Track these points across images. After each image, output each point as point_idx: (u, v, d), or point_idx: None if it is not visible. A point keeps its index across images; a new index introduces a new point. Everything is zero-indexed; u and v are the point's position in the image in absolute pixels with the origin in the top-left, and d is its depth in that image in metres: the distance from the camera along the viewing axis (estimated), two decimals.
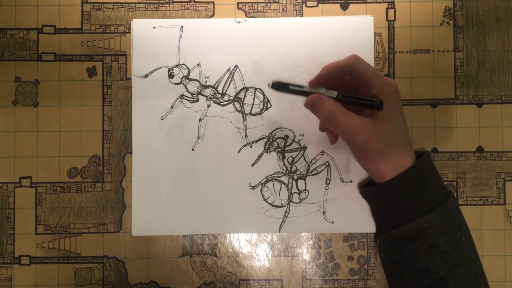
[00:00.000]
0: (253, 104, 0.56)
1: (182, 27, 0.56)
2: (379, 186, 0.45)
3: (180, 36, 0.56)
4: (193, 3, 0.57)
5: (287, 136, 0.56)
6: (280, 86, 0.45)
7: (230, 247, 0.56)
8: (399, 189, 0.44)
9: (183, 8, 0.57)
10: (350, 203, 0.55)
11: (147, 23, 0.56)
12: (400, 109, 0.46)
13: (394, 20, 0.57)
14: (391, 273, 0.46)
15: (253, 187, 0.55)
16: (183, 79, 0.56)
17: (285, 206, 0.55)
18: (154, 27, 0.56)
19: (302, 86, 0.46)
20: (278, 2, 0.57)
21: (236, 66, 0.56)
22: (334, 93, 0.45)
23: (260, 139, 0.56)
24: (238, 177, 0.55)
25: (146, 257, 0.56)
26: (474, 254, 0.45)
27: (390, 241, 0.45)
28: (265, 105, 0.56)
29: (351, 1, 0.57)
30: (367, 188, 0.48)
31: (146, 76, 0.56)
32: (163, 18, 0.57)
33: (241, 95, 0.56)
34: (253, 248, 0.56)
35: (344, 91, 0.45)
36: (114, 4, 0.57)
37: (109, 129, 0.56)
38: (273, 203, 0.55)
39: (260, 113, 0.56)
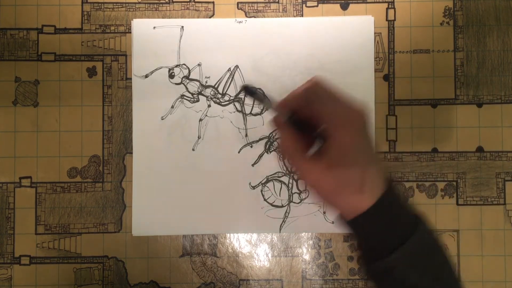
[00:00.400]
0: (253, 104, 0.56)
1: (182, 27, 0.56)
2: (349, 224, 0.41)
3: (181, 36, 0.56)
4: (193, 3, 0.57)
5: None
6: (248, 91, 0.41)
7: (230, 247, 0.56)
8: (359, 230, 0.42)
9: (183, 8, 0.57)
10: None
11: (147, 23, 0.56)
12: (359, 142, 0.39)
13: (394, 20, 0.57)
14: None
15: (254, 187, 0.55)
16: (183, 79, 0.56)
17: (285, 206, 0.55)
18: (154, 27, 0.56)
19: (269, 101, 0.40)
20: (278, 2, 0.57)
21: (237, 66, 0.56)
22: (285, 116, 0.40)
23: (260, 139, 0.56)
24: (238, 177, 0.55)
25: (146, 257, 0.56)
26: (453, 277, 0.44)
27: (366, 272, 0.44)
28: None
29: (351, 1, 0.57)
30: (342, 224, 0.45)
31: (146, 76, 0.56)
32: (163, 18, 0.57)
33: (242, 95, 0.56)
34: (253, 248, 0.56)
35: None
36: (114, 4, 0.57)
37: (109, 129, 0.56)
38: (274, 203, 0.55)
39: (261, 113, 0.56)
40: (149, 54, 0.56)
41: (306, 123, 0.40)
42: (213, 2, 0.57)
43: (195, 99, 0.56)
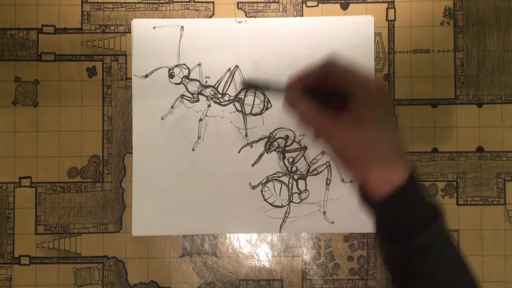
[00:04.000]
0: (253, 104, 0.56)
1: (182, 27, 0.56)
2: (379, 202, 0.40)
3: (181, 36, 0.56)
4: (193, 3, 0.57)
5: (287, 136, 0.56)
6: (250, 86, 0.41)
7: (230, 247, 0.56)
8: (400, 204, 0.41)
9: (183, 8, 0.57)
10: (350, 203, 0.55)
11: (147, 23, 0.56)
12: (386, 110, 0.39)
13: (394, 20, 0.57)
14: (398, 279, 0.45)
15: (254, 187, 0.55)
16: (183, 79, 0.56)
17: (285, 206, 0.55)
18: (154, 27, 0.56)
19: (276, 86, 0.41)
20: (278, 2, 0.57)
21: (237, 66, 0.56)
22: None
23: (260, 139, 0.56)
24: (238, 177, 0.55)
25: (146, 257, 0.56)
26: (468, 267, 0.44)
27: (396, 252, 0.43)
28: (266, 105, 0.56)
29: (351, 1, 0.57)
30: (366, 203, 0.43)
31: (146, 76, 0.56)
32: (163, 18, 0.57)
33: (242, 95, 0.56)
34: (253, 248, 0.56)
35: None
36: (114, 4, 0.57)
37: (109, 129, 0.56)
38: (274, 203, 0.55)
39: (261, 113, 0.56)
40: (149, 54, 0.56)
41: (321, 95, 0.40)
42: (213, 2, 0.57)
43: (195, 99, 0.56)
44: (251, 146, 0.56)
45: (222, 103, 0.56)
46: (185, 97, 0.56)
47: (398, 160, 0.39)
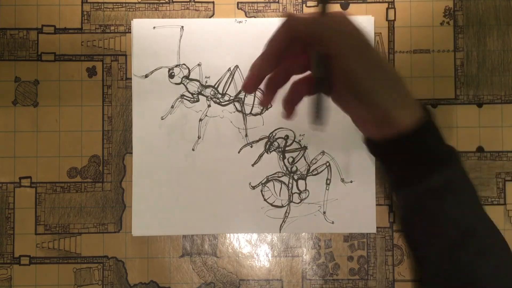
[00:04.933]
0: (253, 104, 0.56)
1: (182, 27, 0.56)
2: (397, 137, 0.37)
3: (181, 36, 0.56)
4: (193, 3, 0.57)
5: (287, 136, 0.56)
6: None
7: (230, 247, 0.56)
8: (422, 138, 0.39)
9: (183, 8, 0.57)
10: (350, 203, 0.55)
11: (147, 23, 0.56)
12: (361, 43, 0.35)
13: (394, 20, 0.57)
14: (413, 228, 0.42)
15: (254, 187, 0.55)
16: (183, 79, 0.56)
17: (285, 206, 0.55)
18: (154, 27, 0.56)
19: None
20: (278, 2, 0.57)
21: (237, 66, 0.56)
22: None
23: (260, 139, 0.56)
24: (238, 177, 0.55)
25: (146, 257, 0.56)
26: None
27: (413, 196, 0.41)
28: None
29: (351, 1, 0.57)
30: (380, 142, 0.39)
31: (146, 76, 0.56)
32: (163, 18, 0.57)
33: (242, 95, 0.56)
34: (253, 248, 0.56)
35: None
36: (114, 4, 0.57)
37: (109, 129, 0.56)
38: (274, 203, 0.55)
39: (261, 113, 0.56)
40: (149, 54, 0.56)
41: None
42: (213, 2, 0.57)
43: (195, 99, 0.56)
44: (251, 146, 0.56)
45: (222, 103, 0.56)
46: (185, 97, 0.56)
47: (405, 99, 0.37)
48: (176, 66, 0.56)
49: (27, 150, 0.56)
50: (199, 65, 0.56)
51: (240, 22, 0.56)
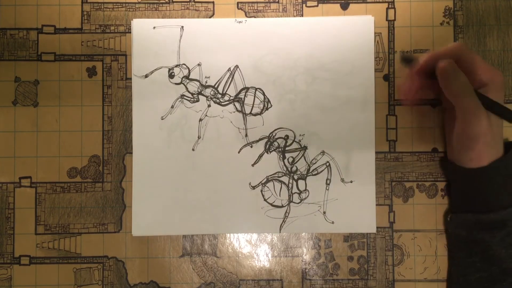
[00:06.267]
0: (253, 104, 0.56)
1: (182, 27, 0.56)
2: (474, 169, 0.46)
3: (181, 36, 0.56)
4: (193, 3, 0.57)
5: (287, 136, 0.56)
6: (408, 60, 0.50)
7: (230, 247, 0.56)
8: (492, 176, 0.45)
9: (183, 8, 0.57)
10: (350, 203, 0.55)
11: (147, 23, 0.56)
12: (502, 100, 0.48)
13: (394, 20, 0.57)
14: (458, 250, 0.48)
15: (254, 187, 0.55)
16: (183, 79, 0.56)
17: (285, 206, 0.55)
18: (154, 27, 0.56)
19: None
20: (278, 2, 0.57)
21: (237, 66, 0.56)
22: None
23: (260, 139, 0.56)
24: (238, 177, 0.55)
25: (146, 257, 0.56)
26: None
27: (464, 222, 0.47)
28: (266, 105, 0.56)
29: (351, 1, 0.57)
30: (458, 167, 0.49)
31: (146, 76, 0.56)
32: (163, 18, 0.57)
33: (242, 95, 0.56)
34: (253, 248, 0.56)
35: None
36: (114, 4, 0.57)
37: (109, 129, 0.56)
38: (274, 203, 0.55)
39: (261, 113, 0.56)
40: (149, 54, 0.56)
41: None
42: (213, 2, 0.57)
43: (195, 99, 0.56)
44: (251, 146, 0.56)
45: (222, 103, 0.56)
46: (185, 97, 0.56)
47: (502, 139, 0.47)
48: (176, 66, 0.56)
49: (27, 150, 0.56)
50: (199, 65, 0.56)
51: (240, 22, 0.56)
